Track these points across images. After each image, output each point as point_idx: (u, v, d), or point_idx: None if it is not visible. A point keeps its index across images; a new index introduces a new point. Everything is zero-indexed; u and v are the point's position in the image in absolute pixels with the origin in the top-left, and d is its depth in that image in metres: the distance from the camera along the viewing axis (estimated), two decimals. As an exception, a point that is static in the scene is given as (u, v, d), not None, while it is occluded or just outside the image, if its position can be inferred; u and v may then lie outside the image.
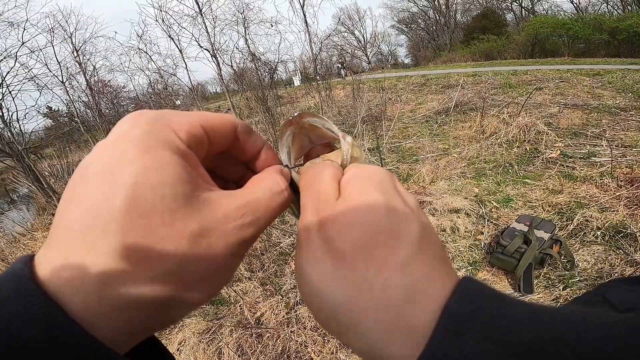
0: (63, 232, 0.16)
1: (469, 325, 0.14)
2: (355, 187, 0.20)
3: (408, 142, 5.02)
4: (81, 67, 8.64)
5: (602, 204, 2.62)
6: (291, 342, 1.89)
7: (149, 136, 0.17)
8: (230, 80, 9.07)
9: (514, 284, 2.14)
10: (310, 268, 0.19)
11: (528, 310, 0.15)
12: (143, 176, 0.16)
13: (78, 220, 0.16)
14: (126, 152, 0.16)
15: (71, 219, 0.16)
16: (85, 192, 0.16)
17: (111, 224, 0.15)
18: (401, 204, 0.19)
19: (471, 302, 0.15)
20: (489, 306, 0.15)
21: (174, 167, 0.17)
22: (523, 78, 8.01)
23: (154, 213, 0.16)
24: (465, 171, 3.74)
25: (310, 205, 0.20)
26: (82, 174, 0.17)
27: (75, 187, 0.17)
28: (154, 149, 0.17)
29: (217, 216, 0.18)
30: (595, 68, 8.23)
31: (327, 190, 0.20)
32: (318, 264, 0.18)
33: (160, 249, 0.16)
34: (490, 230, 2.70)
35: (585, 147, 3.69)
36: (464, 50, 21.63)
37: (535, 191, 3.05)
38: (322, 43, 7.52)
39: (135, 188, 0.16)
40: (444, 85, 8.69)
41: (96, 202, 0.16)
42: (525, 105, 4.83)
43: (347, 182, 0.20)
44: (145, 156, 0.16)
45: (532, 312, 0.15)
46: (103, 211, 0.15)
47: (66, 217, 0.16)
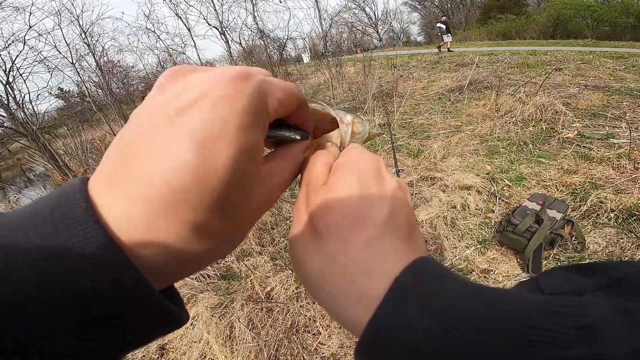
0: (145, 193, 0.15)
1: (412, 296, 0.17)
2: (337, 176, 0.23)
3: (420, 119, 4.93)
4: (90, 49, 8.70)
5: (618, 185, 2.56)
6: (300, 317, 1.92)
7: (252, 112, 0.18)
8: (239, 57, 8.96)
9: (522, 265, 2.12)
10: (296, 241, 0.22)
11: (463, 290, 0.17)
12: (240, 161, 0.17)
13: (167, 189, 0.15)
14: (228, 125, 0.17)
15: (158, 182, 0.15)
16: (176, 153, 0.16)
17: (203, 203, 0.16)
18: (376, 190, 0.22)
19: (418, 278, 0.18)
20: (432, 282, 0.17)
21: (257, 150, 0.19)
22: (542, 58, 7.72)
23: (237, 195, 0.18)
24: (477, 148, 3.67)
25: (303, 188, 0.24)
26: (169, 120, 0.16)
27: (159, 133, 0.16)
28: (251, 130, 0.18)
29: (264, 196, 0.21)
30: (619, 51, 7.89)
31: (316, 176, 0.23)
32: (302, 239, 0.22)
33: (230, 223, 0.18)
34: (502, 208, 2.66)
35: (604, 128, 3.58)
36: (480, 29, 20.90)
37: (549, 170, 2.99)
38: (332, 20, 7.30)
39: (232, 172, 0.17)
40: (458, 64, 8.43)
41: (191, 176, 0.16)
42: (543, 85, 4.67)
43: (334, 169, 0.24)
44: (244, 136, 0.17)
45: (467, 291, 0.17)
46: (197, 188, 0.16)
47: (149, 174, 0.16)
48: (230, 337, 1.86)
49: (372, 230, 0.20)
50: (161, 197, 0.15)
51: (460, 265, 2.21)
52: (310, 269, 0.21)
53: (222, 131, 0.16)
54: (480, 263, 2.20)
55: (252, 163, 0.18)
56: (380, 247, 0.20)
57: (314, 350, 1.77)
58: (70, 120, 10.84)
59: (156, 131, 0.16)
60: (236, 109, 0.17)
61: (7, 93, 6.72)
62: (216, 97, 0.17)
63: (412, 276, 0.18)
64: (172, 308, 0.17)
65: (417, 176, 3.29)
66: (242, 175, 0.17)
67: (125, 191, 0.16)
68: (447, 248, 2.38)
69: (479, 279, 2.08)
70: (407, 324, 0.16)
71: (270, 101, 0.19)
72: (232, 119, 0.17)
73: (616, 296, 0.15)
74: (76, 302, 0.14)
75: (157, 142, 0.16)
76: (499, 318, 0.15)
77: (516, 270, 2.11)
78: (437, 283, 0.17)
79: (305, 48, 16.11)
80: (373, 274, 0.19)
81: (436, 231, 2.53)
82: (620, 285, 0.16)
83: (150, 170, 0.16)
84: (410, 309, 0.16)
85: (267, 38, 7.26)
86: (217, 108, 0.16)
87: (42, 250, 0.14)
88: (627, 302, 0.14)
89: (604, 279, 0.17)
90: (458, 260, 2.25)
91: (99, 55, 9.14)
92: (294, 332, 1.85)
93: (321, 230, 0.21)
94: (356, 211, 0.21)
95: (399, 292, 0.17)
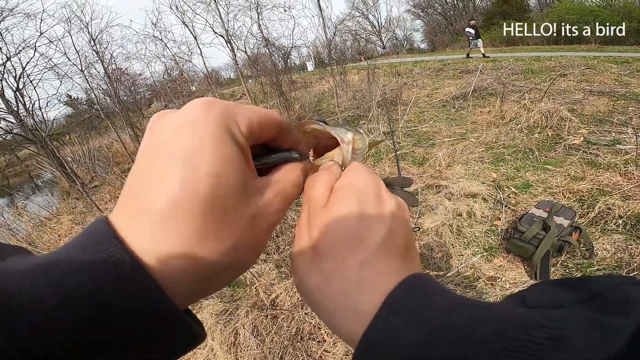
0: (148, 211, 0.18)
1: (402, 311, 0.19)
2: (338, 198, 0.24)
3: (424, 126, 4.93)
4: (99, 56, 8.81)
5: (626, 192, 2.53)
6: (305, 324, 1.90)
7: (223, 128, 0.20)
8: (244, 65, 9.03)
9: (530, 272, 2.09)
10: (297, 259, 0.24)
11: (449, 303, 0.19)
12: (221, 167, 0.19)
13: (164, 203, 0.18)
14: (204, 140, 0.19)
15: (156, 201, 0.18)
16: (167, 173, 0.19)
17: (195, 209, 0.18)
18: (374, 212, 0.23)
19: (407, 294, 0.20)
20: (421, 298, 0.19)
21: (239, 160, 0.20)
22: (546, 64, 7.70)
23: (228, 200, 0.20)
24: (483, 156, 3.65)
25: (305, 208, 0.25)
26: (159, 151, 0.19)
27: (154, 163, 0.19)
28: (227, 141, 0.20)
29: (263, 202, 0.22)
30: (623, 56, 7.86)
31: (317, 198, 0.25)
32: (303, 257, 0.24)
33: (231, 228, 0.20)
34: (508, 216, 2.64)
35: (610, 134, 3.56)
36: (484, 35, 20.94)
37: (556, 177, 2.97)
38: (336, 28, 7.36)
39: (216, 178, 0.19)
40: (462, 71, 8.45)
41: (180, 187, 0.18)
42: (548, 91, 4.66)
43: (335, 190, 0.25)
44: (221, 147, 0.19)
45: (452, 304, 0.18)
46: (188, 197, 0.18)
47: (149, 196, 0.19)
48: (235, 344, 1.84)
49: (366, 252, 0.22)
50: (161, 213, 0.18)
51: (466, 273, 2.19)
52: (309, 286, 0.23)
53: (200, 146, 0.19)
54: (487, 270, 2.18)
55: (235, 172, 0.20)
56: (375, 267, 0.21)
57: (318, 357, 1.75)
58: (78, 128, 10.99)
59: (151, 162, 0.19)
60: (209, 126, 0.19)
61: (17, 100, 6.78)
62: (191, 121, 0.20)
63: (403, 292, 0.20)
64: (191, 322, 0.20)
65: (423, 184, 3.28)
66: (227, 182, 0.19)
67: (136, 216, 0.19)
68: (453, 256, 2.36)
69: (486, 286, 2.06)
70: (397, 337, 0.18)
71: (240, 120, 0.21)
72: (207, 135, 0.19)
73: (593, 310, 0.16)
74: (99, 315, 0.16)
75: (152, 170, 0.19)
76: (479, 329, 0.16)
77: (523, 277, 2.08)
78: (425, 298, 0.19)
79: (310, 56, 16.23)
80: (366, 291, 0.21)
81: (442, 239, 2.52)
82: (598, 300, 0.17)
83: (151, 194, 0.19)
84: (399, 323, 0.18)
85: (272, 46, 7.32)
86: (193, 129, 0.19)
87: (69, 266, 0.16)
88: (601, 315, 0.16)
89: (584, 293, 0.18)
90: (464, 268, 2.23)
91: (107, 63, 9.26)
92: (298, 339, 1.84)
93: (320, 250, 0.23)
94: (353, 234, 0.22)
95: (390, 308, 0.19)
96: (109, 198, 6.03)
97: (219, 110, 0.20)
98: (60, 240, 4.09)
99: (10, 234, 4.34)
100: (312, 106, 7.85)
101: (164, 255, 0.18)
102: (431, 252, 2.42)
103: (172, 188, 0.18)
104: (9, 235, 4.29)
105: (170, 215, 0.18)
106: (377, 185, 0.25)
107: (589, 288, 0.18)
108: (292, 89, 8.77)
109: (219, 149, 0.19)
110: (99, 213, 4.96)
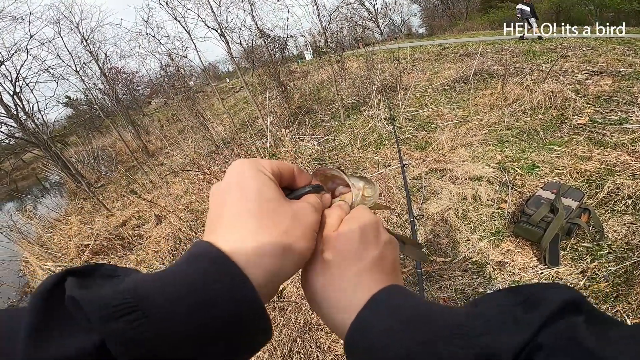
0: (229, 221, 0.27)
1: (383, 306, 0.26)
2: (346, 225, 0.32)
3: (426, 111, 4.86)
4: (93, 56, 8.74)
5: (634, 171, 2.48)
6: (312, 315, 1.89)
7: (255, 169, 0.30)
8: (241, 58, 8.90)
9: (539, 256, 2.06)
10: (309, 265, 0.31)
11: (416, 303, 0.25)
12: (262, 187, 0.29)
13: (234, 213, 0.27)
14: (246, 175, 0.29)
15: (229, 214, 0.28)
16: (232, 198, 0.28)
17: (251, 214, 0.27)
18: (372, 239, 0.31)
19: (387, 296, 0.26)
20: (395, 299, 0.26)
21: (272, 184, 0.30)
22: (547, 46, 7.56)
23: (271, 203, 0.28)
24: (486, 138, 3.60)
25: (320, 231, 0.32)
26: (227, 188, 0.29)
27: (225, 195, 0.29)
28: (259, 174, 0.30)
29: (298, 207, 0.31)
30: (625, 37, 7.69)
31: (331, 224, 0.33)
32: (314, 264, 0.30)
33: (280, 220, 0.28)
34: (514, 198, 2.60)
35: (616, 113, 3.49)
36: (482, 18, 20.60)
37: (562, 158, 2.92)
38: (331, 15, 7.20)
39: (259, 194, 0.28)
40: (462, 54, 8.32)
41: (240, 204, 0.28)
42: (550, 72, 4.57)
43: (344, 221, 0.33)
44: (257, 175, 0.29)
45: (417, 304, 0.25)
46: (245, 209, 0.27)
47: (225, 211, 0.28)
48: (243, 337, 1.84)
49: (363, 265, 0.29)
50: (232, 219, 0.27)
51: (474, 258, 2.16)
52: (317, 285, 0.30)
53: (244, 178, 0.29)
54: (495, 255, 2.15)
55: (270, 188, 0.29)
56: (367, 276, 0.29)
57: (327, 348, 1.74)
58: (80, 128, 10.98)
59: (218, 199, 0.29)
60: (246, 169, 0.30)
61: (15, 104, 6.76)
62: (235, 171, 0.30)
63: (384, 294, 0.27)
64: (270, 319, 0.25)
65: (426, 169, 3.24)
66: (267, 194, 0.29)
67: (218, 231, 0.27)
68: (460, 241, 2.33)
69: (494, 272, 2.03)
70: (375, 323, 0.24)
71: (264, 164, 0.31)
72: (247, 172, 0.29)
73: (521, 309, 0.22)
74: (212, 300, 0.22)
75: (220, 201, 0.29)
76: (436, 319, 0.23)
77: (532, 262, 2.05)
78: (399, 299, 0.26)
79: (307, 45, 16.03)
80: (359, 291, 0.27)
81: (447, 224, 2.48)
82: (527, 301, 0.22)
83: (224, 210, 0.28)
84: (378, 314, 0.25)
85: (267, 37, 7.19)
86: (238, 173, 0.30)
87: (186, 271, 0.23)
88: (523, 313, 0.21)
89: (520, 297, 0.23)
90: (471, 253, 2.20)
91: (102, 62, 9.17)
92: (307, 330, 1.83)
93: (328, 260, 0.30)
94: (355, 251, 0.30)
95: (373, 304, 0.26)
96: (116, 197, 6.03)
97: (248, 161, 0.31)
98: (70, 241, 4.09)
99: (21, 237, 4.35)
100: (311, 95, 7.77)
101: (244, 245, 0.25)
102: (437, 237, 2.39)
103: (237, 204, 0.28)
104: (20, 239, 4.30)
105: (238, 219, 0.27)
106: (377, 222, 0.33)
107: (524, 293, 0.23)
108: (291, 79, 8.67)
109: (255, 176, 0.29)
110: (106, 212, 4.98)
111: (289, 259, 0.27)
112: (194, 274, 0.22)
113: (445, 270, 2.11)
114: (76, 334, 0.18)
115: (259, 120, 6.14)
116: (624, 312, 1.59)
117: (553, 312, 0.20)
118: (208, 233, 0.28)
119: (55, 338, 0.18)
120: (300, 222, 0.29)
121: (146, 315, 0.19)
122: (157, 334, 0.19)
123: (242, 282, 0.23)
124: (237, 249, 0.25)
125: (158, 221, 3.94)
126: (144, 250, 3.50)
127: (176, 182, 4.96)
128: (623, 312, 1.59)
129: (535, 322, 0.20)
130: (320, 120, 5.94)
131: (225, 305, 0.22)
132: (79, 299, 0.19)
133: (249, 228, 0.26)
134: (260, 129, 6.15)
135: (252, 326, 0.24)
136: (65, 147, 10.09)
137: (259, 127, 6.34)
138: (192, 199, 3.97)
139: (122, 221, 4.50)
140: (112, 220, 4.59)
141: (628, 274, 1.77)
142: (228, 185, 0.29)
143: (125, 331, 0.18)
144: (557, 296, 0.22)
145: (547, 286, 0.23)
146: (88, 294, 0.19)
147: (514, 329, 0.20)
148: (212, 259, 0.24)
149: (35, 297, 0.20)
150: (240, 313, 0.23)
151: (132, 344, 0.18)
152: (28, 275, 3.99)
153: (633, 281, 1.71)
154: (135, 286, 0.20)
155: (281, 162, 0.33)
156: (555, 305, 0.21)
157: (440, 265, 2.16)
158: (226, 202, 0.28)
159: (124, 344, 0.18)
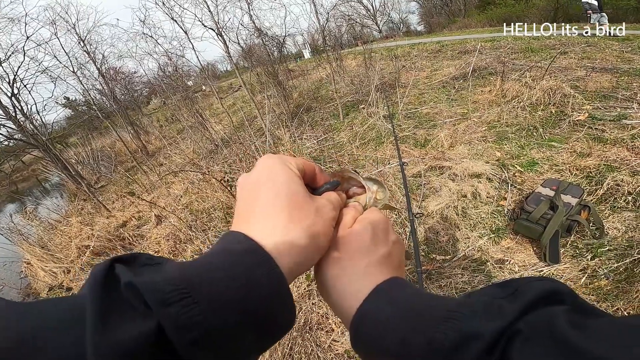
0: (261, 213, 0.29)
1: (384, 296, 0.28)
2: (359, 224, 0.35)
3: (425, 108, 4.85)
4: (90, 56, 8.69)
5: (634, 167, 2.48)
6: (313, 314, 1.90)
7: (283, 164, 0.32)
8: (239, 57, 8.87)
9: (539, 253, 2.05)
10: (323, 258, 0.33)
11: (415, 293, 0.28)
12: (290, 181, 0.31)
13: (266, 206, 0.30)
14: (276, 170, 0.32)
15: (261, 207, 0.30)
16: (263, 191, 0.30)
17: (282, 207, 0.29)
18: (382, 237, 0.34)
19: (390, 287, 0.29)
20: (397, 290, 0.29)
21: (298, 180, 0.32)
22: (546, 42, 7.53)
23: (299, 197, 0.31)
24: (486, 135, 3.59)
25: (336, 229, 0.34)
26: (258, 181, 0.31)
27: (257, 188, 0.31)
28: (287, 168, 0.32)
29: (320, 203, 0.33)
30: (624, 33, 7.66)
31: (345, 222, 0.35)
32: (328, 257, 0.33)
33: (307, 215, 0.30)
34: (514, 195, 2.60)
35: (615, 109, 3.48)
36: (480, 15, 20.52)
37: (562, 154, 2.91)
38: (329, 14, 7.16)
39: (289, 188, 0.31)
40: (460, 51, 8.31)
41: (272, 198, 0.30)
42: (549, 69, 4.56)
43: (358, 220, 0.35)
44: (285, 170, 0.32)
45: (417, 294, 0.28)
46: (276, 202, 0.30)
47: (258, 204, 0.30)
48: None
49: (372, 259, 0.32)
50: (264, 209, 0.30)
51: (474, 256, 2.16)
52: (330, 274, 0.32)
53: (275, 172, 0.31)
54: (495, 253, 2.15)
55: (297, 183, 0.32)
56: (375, 269, 0.31)
57: (327, 347, 1.74)
58: (79, 129, 10.94)
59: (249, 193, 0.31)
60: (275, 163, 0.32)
61: (13, 105, 6.73)
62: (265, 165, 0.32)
63: (387, 285, 0.29)
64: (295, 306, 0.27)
65: (425, 166, 3.23)
66: (295, 188, 0.31)
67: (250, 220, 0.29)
68: (460, 239, 2.33)
69: (494, 269, 2.03)
70: (378, 311, 0.27)
71: (291, 160, 0.33)
72: (276, 166, 0.32)
73: (507, 300, 0.23)
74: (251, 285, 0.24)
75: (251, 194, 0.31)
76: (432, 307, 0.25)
77: (532, 259, 2.05)
78: (400, 290, 0.29)
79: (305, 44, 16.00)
80: (366, 281, 0.30)
81: (447, 221, 2.48)
82: (515, 293, 0.24)
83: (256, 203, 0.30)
84: (381, 302, 0.28)
85: (264, 36, 7.17)
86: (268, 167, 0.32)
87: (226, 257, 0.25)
88: (507, 303, 0.23)
89: (509, 290, 0.25)
90: (471, 251, 2.20)
91: (100, 63, 9.13)
92: (307, 329, 1.83)
93: (341, 253, 0.33)
94: (366, 247, 0.33)
95: (377, 293, 0.29)
96: (116, 198, 6.02)
97: (276, 157, 0.33)
98: (71, 242, 4.08)
99: (22, 239, 4.34)
100: (310, 94, 7.75)
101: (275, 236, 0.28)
102: (437, 235, 2.39)
103: (268, 197, 0.30)
104: (21, 240, 4.29)
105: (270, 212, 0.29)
106: (387, 222, 0.36)
107: (513, 286, 0.25)
108: (289, 78, 8.65)
109: (284, 171, 0.31)
110: (107, 213, 4.97)
111: (312, 250, 0.30)
112: (233, 263, 0.24)
113: (445, 268, 2.10)
114: (135, 318, 0.19)
115: (258, 119, 6.13)
116: (625, 309, 1.59)
117: (531, 301, 0.22)
118: (240, 223, 0.30)
119: (118, 323, 0.19)
120: (322, 217, 0.32)
121: (196, 301, 0.20)
122: (206, 318, 0.20)
123: (276, 272, 0.25)
124: (268, 239, 0.27)
125: (158, 221, 3.93)
126: (145, 251, 3.49)
127: (176, 182, 4.95)
128: (624, 309, 1.59)
129: (515, 310, 0.22)
130: (319, 118, 5.93)
131: (263, 291, 0.24)
132: (138, 286, 0.20)
133: (281, 220, 0.28)
134: (259, 128, 6.13)
135: (281, 312, 0.26)
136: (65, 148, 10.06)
137: (257, 126, 6.33)
138: (192, 199, 3.97)
139: (123, 222, 4.49)
140: (112, 221, 4.59)
141: (628, 272, 1.76)
142: (258, 178, 0.31)
143: (179, 316, 0.20)
144: (540, 287, 0.23)
145: (534, 279, 0.25)
146: (144, 281, 0.20)
147: (497, 316, 0.22)
148: (248, 249, 0.26)
149: (94, 285, 0.20)
150: (274, 300, 0.25)
151: (185, 328, 0.20)
152: (29, 276, 3.99)
153: (633, 279, 1.71)
154: (181, 274, 0.22)
155: (304, 160, 0.35)
156: (534, 295, 0.22)
157: (440, 263, 2.15)
158: (259, 196, 0.30)
159: (178, 328, 0.19)
